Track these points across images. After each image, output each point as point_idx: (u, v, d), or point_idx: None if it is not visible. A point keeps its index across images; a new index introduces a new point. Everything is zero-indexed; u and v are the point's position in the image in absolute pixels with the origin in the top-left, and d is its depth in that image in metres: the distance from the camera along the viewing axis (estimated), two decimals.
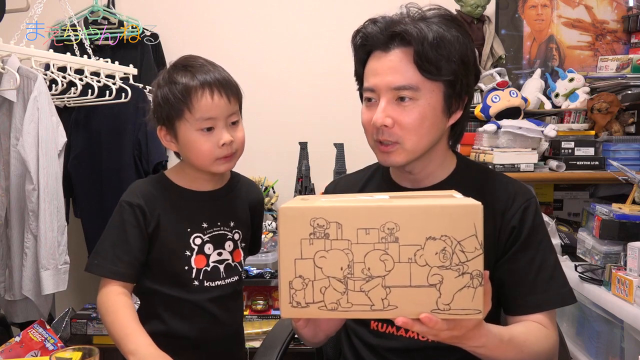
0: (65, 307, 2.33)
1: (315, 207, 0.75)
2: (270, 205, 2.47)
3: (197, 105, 1.10)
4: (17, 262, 1.74)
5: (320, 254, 0.75)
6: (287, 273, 0.75)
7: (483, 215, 0.74)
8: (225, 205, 1.22)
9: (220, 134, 1.11)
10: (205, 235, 1.18)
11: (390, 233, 0.74)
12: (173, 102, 1.10)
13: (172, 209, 1.17)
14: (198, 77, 1.11)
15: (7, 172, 1.72)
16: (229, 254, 1.21)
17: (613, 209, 1.53)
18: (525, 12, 2.23)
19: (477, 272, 0.74)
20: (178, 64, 1.14)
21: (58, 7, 2.15)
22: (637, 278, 1.31)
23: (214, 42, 2.54)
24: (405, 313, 0.75)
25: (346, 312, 0.75)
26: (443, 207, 0.74)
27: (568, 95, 2.02)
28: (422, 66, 0.96)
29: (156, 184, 1.19)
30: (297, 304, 0.75)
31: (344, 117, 2.32)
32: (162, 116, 1.13)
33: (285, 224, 0.75)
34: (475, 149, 1.92)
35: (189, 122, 1.11)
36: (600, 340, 1.51)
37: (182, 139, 1.13)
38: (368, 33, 1.01)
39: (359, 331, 1.10)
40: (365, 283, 0.74)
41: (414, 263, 0.74)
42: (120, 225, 1.13)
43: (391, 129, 0.99)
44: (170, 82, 1.11)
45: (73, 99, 2.02)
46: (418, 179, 1.08)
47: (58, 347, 1.72)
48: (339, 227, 0.74)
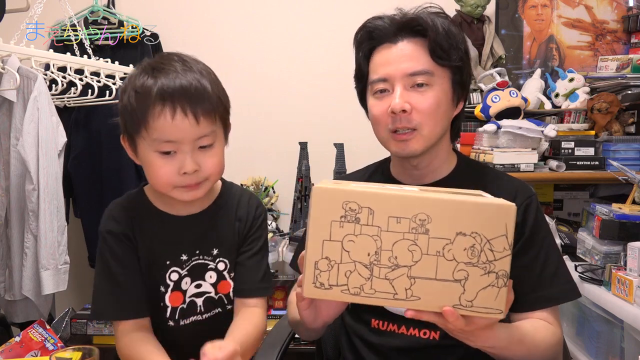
0: (65, 307, 2.33)
1: (348, 190, 0.75)
2: (270, 205, 2.47)
3: (153, 124, 0.91)
4: (17, 262, 1.74)
5: (349, 237, 0.74)
6: (314, 253, 0.75)
7: (515, 217, 0.74)
8: (208, 231, 1.05)
9: (182, 160, 0.93)
10: (184, 269, 1.03)
11: (421, 224, 0.74)
12: (130, 113, 0.93)
13: (149, 237, 1.02)
14: (159, 85, 0.90)
15: (7, 172, 1.72)
16: (211, 287, 1.05)
17: (613, 209, 1.53)
18: (525, 12, 2.23)
19: (503, 272, 0.74)
20: (148, 64, 0.96)
21: (58, 7, 2.15)
22: (637, 278, 1.31)
23: (214, 42, 2.54)
24: (427, 305, 0.75)
25: (368, 298, 0.75)
26: (477, 204, 0.75)
27: (568, 95, 2.02)
28: (435, 52, 1.00)
29: (135, 205, 1.05)
30: (321, 285, 0.75)
31: (344, 117, 2.32)
32: (123, 125, 0.97)
33: (318, 204, 0.75)
34: (475, 149, 1.92)
35: (146, 141, 0.93)
36: (600, 340, 1.51)
37: (141, 157, 0.97)
38: (375, 26, 1.04)
39: (359, 330, 1.10)
40: (390, 271, 0.75)
41: (442, 257, 0.74)
42: (106, 263, 1.01)
43: (409, 114, 1.00)
44: (132, 87, 0.93)
45: (73, 99, 2.02)
46: (421, 175, 1.09)
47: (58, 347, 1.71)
48: (370, 213, 0.74)
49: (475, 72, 2.10)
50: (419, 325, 1.03)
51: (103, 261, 1.02)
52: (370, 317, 1.08)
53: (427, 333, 1.03)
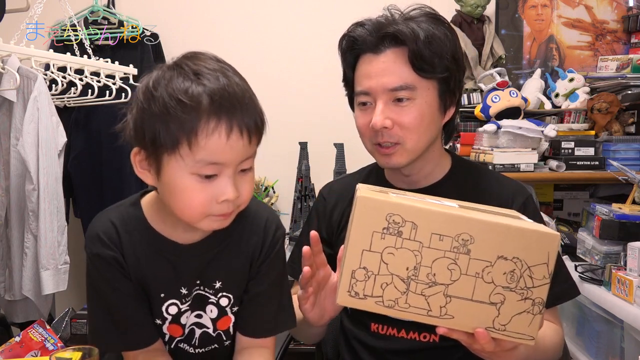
0: (65, 307, 2.33)
1: (394, 202, 0.74)
2: (270, 205, 2.47)
3: (203, 143, 0.75)
4: (17, 262, 1.74)
5: (389, 250, 0.74)
6: (352, 261, 0.74)
7: (559, 247, 0.74)
8: (211, 261, 0.90)
9: (224, 185, 0.78)
10: (184, 303, 0.90)
11: (463, 244, 0.73)
12: (166, 126, 0.75)
13: (145, 264, 0.87)
14: (213, 97, 0.75)
15: (7, 172, 1.72)
16: (211, 322, 0.92)
17: (613, 209, 1.53)
18: (525, 12, 2.23)
19: (540, 300, 0.74)
20: (184, 64, 0.79)
21: (58, 7, 2.15)
22: (637, 278, 1.31)
23: (214, 42, 2.53)
24: (460, 325, 0.75)
25: (401, 312, 0.75)
26: (522, 230, 0.74)
27: (568, 95, 2.02)
28: (417, 65, 0.96)
29: (128, 222, 0.88)
30: (355, 294, 0.74)
31: (344, 117, 2.29)
32: (144, 137, 0.78)
33: (361, 213, 0.74)
34: (475, 149, 1.92)
35: (184, 161, 0.76)
36: (600, 340, 1.51)
37: (167, 179, 0.79)
38: (357, 36, 1.01)
39: (359, 334, 1.10)
40: (427, 288, 0.74)
41: (480, 278, 0.74)
42: (100, 291, 0.88)
43: (391, 130, 0.98)
44: (170, 93, 0.75)
45: (73, 99, 2.02)
46: (414, 180, 1.08)
47: (58, 347, 1.71)
48: (414, 228, 0.73)
49: (475, 72, 2.10)
50: (418, 329, 1.03)
51: (95, 288, 0.89)
52: (370, 321, 1.07)
53: (427, 336, 1.03)
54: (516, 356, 0.84)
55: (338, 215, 1.13)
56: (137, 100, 0.80)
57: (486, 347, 0.76)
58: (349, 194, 1.13)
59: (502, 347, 0.78)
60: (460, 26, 2.16)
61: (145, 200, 0.90)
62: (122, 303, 0.87)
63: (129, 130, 0.82)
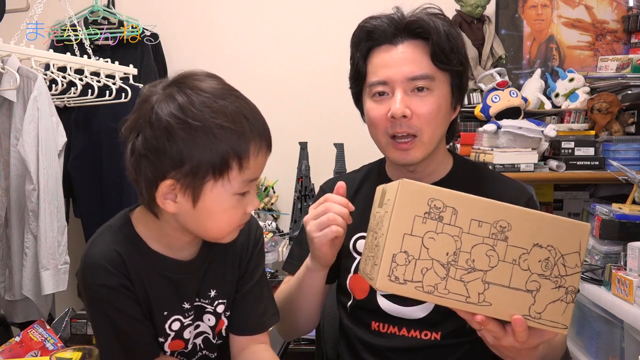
0: (65, 307, 2.32)
1: (436, 188, 0.75)
2: (270, 205, 2.47)
3: (252, 162, 0.79)
4: (17, 262, 1.74)
5: (430, 234, 0.74)
6: (393, 245, 0.74)
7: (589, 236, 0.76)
8: (207, 272, 0.93)
9: (253, 198, 0.84)
10: (187, 317, 0.91)
11: (501, 231, 0.74)
12: (216, 152, 0.76)
13: (148, 285, 0.87)
14: (253, 125, 0.80)
15: (7, 172, 1.72)
16: (210, 329, 0.95)
17: (613, 209, 1.53)
18: (525, 12, 2.23)
19: (573, 289, 0.76)
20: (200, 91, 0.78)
21: (58, 7, 2.15)
22: (637, 278, 1.31)
23: (214, 42, 2.54)
24: (498, 312, 0.75)
25: (441, 297, 0.75)
26: (556, 219, 0.76)
27: (568, 95, 2.02)
28: (437, 56, 0.98)
29: (128, 247, 0.87)
30: (396, 279, 0.74)
31: (344, 117, 2.31)
32: (182, 167, 0.77)
33: (403, 197, 0.74)
34: (475, 149, 1.92)
35: (230, 184, 0.79)
36: (600, 340, 1.51)
37: (207, 204, 0.80)
38: (374, 26, 1.02)
39: (359, 332, 1.09)
40: (466, 274, 0.74)
41: (517, 265, 0.75)
42: (113, 322, 0.85)
43: (409, 120, 0.98)
44: (208, 119, 0.76)
45: (73, 99, 2.02)
46: (419, 178, 1.07)
47: (58, 347, 1.71)
48: (454, 213, 0.74)
49: (475, 72, 2.10)
50: (420, 327, 1.03)
51: (102, 318, 0.86)
52: (370, 319, 1.07)
53: (428, 334, 1.03)
54: (536, 355, 0.84)
55: None
56: (158, 131, 0.76)
57: (520, 336, 0.76)
58: (350, 191, 1.13)
59: (529, 343, 0.78)
60: (460, 26, 2.16)
61: (137, 221, 0.89)
62: (129, 327, 0.86)
63: (141, 160, 0.79)
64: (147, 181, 0.80)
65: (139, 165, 0.80)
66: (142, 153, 0.78)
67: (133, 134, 0.80)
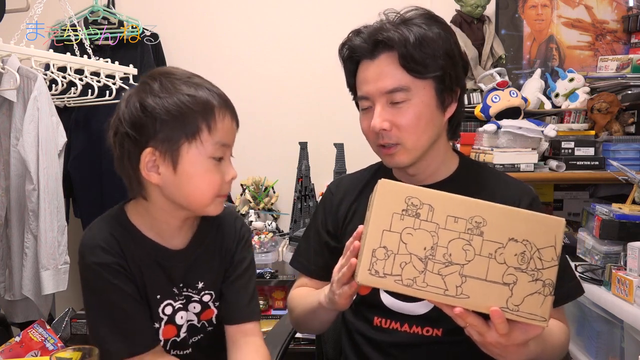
0: (65, 307, 2.33)
1: (412, 187, 0.80)
2: (270, 205, 2.47)
3: (219, 125, 0.90)
4: (17, 262, 1.74)
5: (408, 230, 0.78)
6: (373, 241, 0.78)
7: (564, 230, 0.78)
8: (195, 262, 0.99)
9: (229, 166, 0.93)
10: (177, 301, 0.98)
11: (477, 226, 0.78)
12: (186, 116, 0.87)
13: (140, 268, 0.94)
14: (215, 92, 0.92)
15: (7, 172, 1.72)
16: (194, 315, 1.00)
17: (613, 209, 1.53)
18: (525, 12, 2.23)
19: (550, 282, 0.78)
20: (169, 75, 0.91)
21: (58, 7, 2.15)
22: (637, 278, 1.31)
23: (214, 42, 2.54)
24: (475, 304, 0.78)
25: (419, 290, 0.77)
26: (530, 214, 0.79)
27: (568, 95, 2.02)
28: (408, 67, 0.99)
29: (121, 230, 0.94)
30: (375, 273, 0.78)
31: (344, 117, 2.31)
32: (158, 134, 0.88)
33: (382, 195, 0.79)
34: (475, 149, 1.92)
35: (203, 146, 0.89)
36: (600, 340, 1.51)
37: (186, 167, 0.89)
38: (354, 45, 1.04)
39: (361, 327, 1.11)
40: (444, 267, 0.77)
41: (493, 259, 0.78)
42: (107, 298, 0.91)
43: (390, 131, 1.01)
44: (176, 92, 0.88)
45: (73, 99, 2.02)
46: (421, 178, 1.10)
47: (58, 347, 1.71)
48: (430, 210, 0.78)
49: (475, 72, 2.10)
50: (421, 323, 1.04)
51: (99, 298, 0.91)
52: (373, 315, 1.08)
53: (429, 331, 1.04)
54: (527, 353, 0.85)
55: (344, 210, 1.15)
56: (136, 110, 0.89)
57: (500, 328, 0.77)
58: (356, 190, 1.16)
59: (513, 339, 0.79)
60: (460, 26, 2.16)
61: (130, 211, 0.97)
62: (128, 307, 0.92)
63: (121, 141, 0.91)
64: (130, 156, 0.90)
65: (122, 144, 0.91)
66: (123, 132, 0.90)
67: (116, 121, 0.92)
